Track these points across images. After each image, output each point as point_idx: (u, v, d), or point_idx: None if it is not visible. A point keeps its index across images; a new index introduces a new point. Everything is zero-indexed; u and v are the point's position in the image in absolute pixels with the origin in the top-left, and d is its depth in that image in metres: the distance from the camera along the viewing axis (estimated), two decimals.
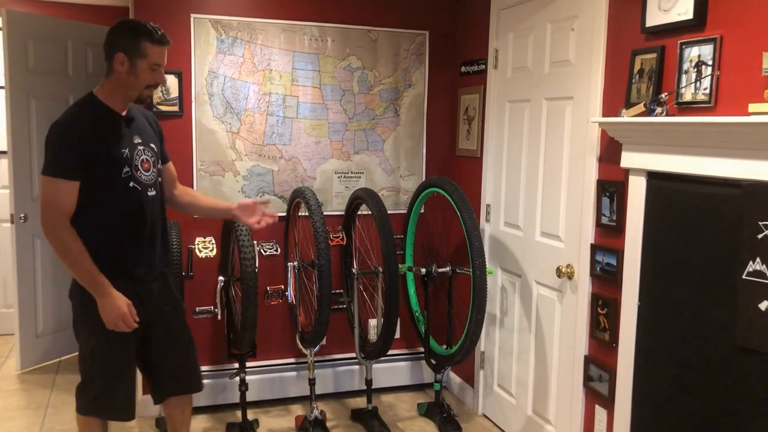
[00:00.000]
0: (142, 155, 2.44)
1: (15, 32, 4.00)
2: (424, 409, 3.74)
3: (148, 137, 2.51)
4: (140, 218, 2.43)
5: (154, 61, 2.38)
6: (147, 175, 2.45)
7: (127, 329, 2.36)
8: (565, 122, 2.96)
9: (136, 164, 2.41)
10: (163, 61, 2.41)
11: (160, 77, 2.44)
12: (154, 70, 2.40)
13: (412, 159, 3.98)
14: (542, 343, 3.18)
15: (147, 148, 2.48)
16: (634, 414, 2.53)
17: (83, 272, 2.30)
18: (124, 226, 2.40)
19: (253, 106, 3.63)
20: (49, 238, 2.29)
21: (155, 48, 2.37)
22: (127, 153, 2.39)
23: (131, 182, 2.39)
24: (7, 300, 4.87)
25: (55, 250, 2.30)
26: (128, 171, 2.39)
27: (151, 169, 2.47)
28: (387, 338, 3.30)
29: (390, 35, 3.85)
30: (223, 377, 3.68)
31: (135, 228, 2.42)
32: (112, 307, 2.31)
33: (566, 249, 2.97)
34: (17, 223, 4.09)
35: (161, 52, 2.40)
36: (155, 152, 2.52)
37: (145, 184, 2.44)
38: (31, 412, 3.68)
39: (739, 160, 2.00)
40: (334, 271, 3.68)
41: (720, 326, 2.11)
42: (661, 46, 2.37)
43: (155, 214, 2.49)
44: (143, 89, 2.42)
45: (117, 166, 2.35)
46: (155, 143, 2.55)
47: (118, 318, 2.32)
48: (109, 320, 2.32)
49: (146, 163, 2.45)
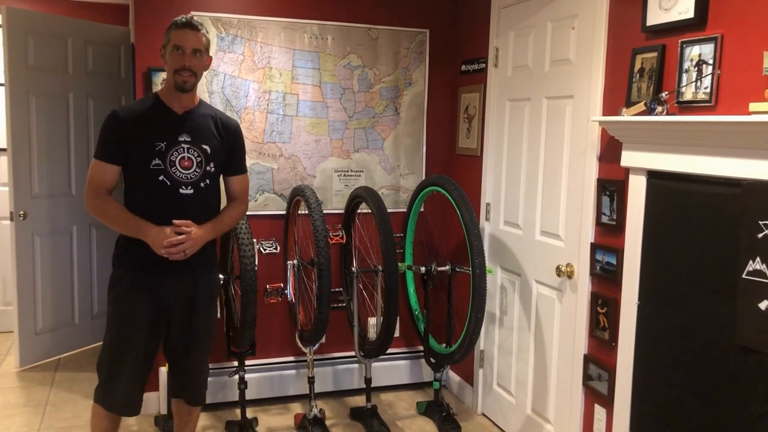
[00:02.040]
0: (184, 153, 2.49)
1: (15, 29, 4.00)
2: (423, 408, 3.74)
3: (202, 139, 2.54)
4: (166, 213, 2.45)
5: (175, 43, 2.45)
6: (185, 173, 2.49)
7: (180, 256, 2.43)
8: (565, 121, 2.96)
9: (173, 160, 2.47)
10: (183, 43, 2.44)
11: (182, 59, 2.45)
12: (176, 52, 2.45)
13: (412, 157, 3.98)
14: (542, 342, 3.17)
15: (194, 148, 2.51)
16: (634, 413, 2.53)
17: (121, 228, 2.50)
18: (150, 218, 2.46)
19: (253, 104, 3.63)
20: (86, 207, 2.52)
21: (177, 31, 2.46)
22: (162, 147, 2.46)
23: (161, 176, 2.46)
24: (7, 297, 4.87)
25: (95, 216, 2.55)
26: (159, 164, 2.45)
27: (192, 168, 2.50)
28: (386, 337, 3.30)
29: (390, 33, 3.84)
30: (222, 375, 3.67)
31: (159, 221, 2.44)
32: (153, 243, 2.42)
33: (566, 248, 2.96)
34: (17, 221, 4.09)
35: (181, 34, 2.44)
36: (207, 154, 2.53)
37: (178, 181, 2.47)
38: (30, 410, 3.67)
39: (739, 160, 2.00)
40: (334, 270, 3.68)
41: (720, 325, 2.11)
42: (662, 45, 2.36)
43: (190, 213, 2.50)
44: (174, 76, 2.47)
45: (147, 158, 2.45)
46: (212, 147, 2.55)
47: (162, 247, 2.41)
48: (159, 252, 2.43)
49: (187, 161, 2.49)
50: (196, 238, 2.47)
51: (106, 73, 4.47)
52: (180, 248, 2.43)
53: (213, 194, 2.61)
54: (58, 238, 4.35)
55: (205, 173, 2.53)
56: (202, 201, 2.54)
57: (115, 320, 2.53)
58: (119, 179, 2.52)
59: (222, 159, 2.60)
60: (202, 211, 2.55)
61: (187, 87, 2.48)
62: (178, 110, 2.53)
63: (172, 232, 2.42)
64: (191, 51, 2.45)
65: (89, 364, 2.74)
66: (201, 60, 2.50)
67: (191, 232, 2.45)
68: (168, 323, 2.58)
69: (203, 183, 2.53)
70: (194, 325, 2.62)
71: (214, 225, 2.58)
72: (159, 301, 2.53)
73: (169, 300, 2.55)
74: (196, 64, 2.48)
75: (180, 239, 2.42)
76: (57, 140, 4.29)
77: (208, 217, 2.57)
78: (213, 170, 2.56)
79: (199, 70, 2.50)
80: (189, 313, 2.60)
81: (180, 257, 2.44)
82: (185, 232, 2.44)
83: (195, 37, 2.46)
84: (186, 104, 2.54)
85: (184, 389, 2.75)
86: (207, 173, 2.54)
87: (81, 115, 4.40)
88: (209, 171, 2.55)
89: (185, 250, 2.44)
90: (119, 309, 2.53)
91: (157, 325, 2.55)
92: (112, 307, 2.55)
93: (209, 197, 2.58)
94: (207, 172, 2.54)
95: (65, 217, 4.36)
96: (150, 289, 2.51)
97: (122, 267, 2.55)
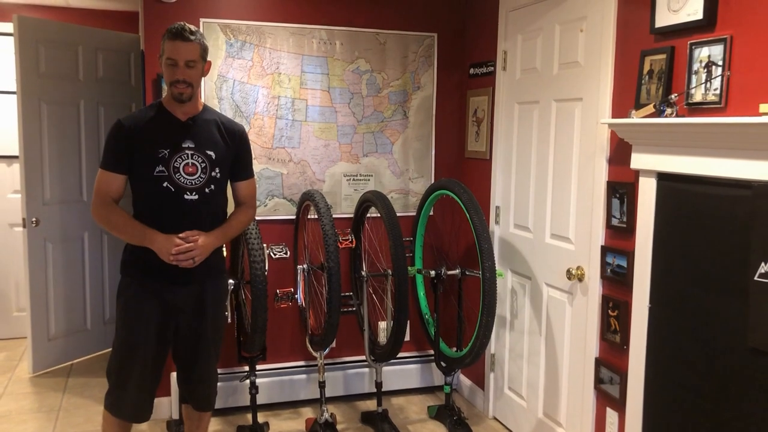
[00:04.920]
0: (188, 159, 2.49)
1: (26, 38, 4.04)
2: (434, 412, 3.73)
3: (207, 145, 2.53)
4: (171, 219, 2.47)
5: (167, 56, 2.43)
6: (189, 179, 2.49)
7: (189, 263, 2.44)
8: (574, 123, 2.95)
9: (176, 166, 2.47)
10: (176, 56, 2.41)
11: (175, 73, 2.42)
12: (170, 65, 2.43)
13: (420, 161, 3.98)
14: (553, 345, 3.16)
15: (198, 154, 2.51)
16: (646, 416, 2.52)
17: (128, 237, 2.50)
18: (155, 223, 2.47)
19: (262, 110, 3.64)
20: (93, 217, 2.53)
21: (169, 43, 2.43)
22: (165, 154, 2.46)
23: (165, 182, 2.46)
24: (20, 304, 4.90)
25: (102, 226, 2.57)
26: (162, 170, 2.46)
27: (197, 174, 2.50)
28: (397, 341, 3.29)
29: (398, 38, 3.85)
30: (233, 380, 3.69)
31: (164, 228, 2.45)
32: (160, 251, 2.43)
33: (576, 251, 2.95)
34: (29, 228, 4.12)
35: (173, 46, 2.41)
36: (212, 160, 2.53)
37: (182, 187, 2.48)
38: (43, 415, 3.70)
39: (749, 161, 1.99)
40: (344, 274, 3.68)
41: (732, 328, 2.09)
42: (671, 46, 2.36)
43: (195, 219, 2.51)
44: (170, 88, 2.46)
45: (150, 165, 2.46)
46: (217, 152, 2.55)
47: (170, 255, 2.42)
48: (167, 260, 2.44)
49: (191, 167, 2.49)
50: (204, 245, 2.47)
51: (117, 80, 4.51)
52: (188, 255, 2.44)
53: (219, 200, 2.61)
54: (70, 244, 4.39)
55: (210, 179, 2.53)
56: (207, 206, 2.54)
57: (123, 327, 2.54)
58: (126, 188, 2.53)
59: (228, 164, 2.60)
60: (207, 216, 2.55)
61: (184, 98, 2.46)
62: (182, 117, 2.53)
63: (180, 240, 2.43)
64: (184, 63, 2.42)
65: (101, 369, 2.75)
66: (196, 70, 2.46)
67: (198, 240, 2.46)
68: (176, 329, 2.59)
69: (208, 189, 2.53)
70: (202, 331, 2.62)
71: (222, 231, 2.59)
72: (167, 307, 2.54)
73: (176, 306, 2.55)
74: (191, 75, 2.44)
75: (188, 246, 2.43)
76: (68, 147, 4.32)
77: (214, 222, 2.57)
78: (218, 176, 2.56)
79: (194, 80, 2.47)
80: (197, 319, 2.60)
81: (189, 264, 2.45)
82: (192, 240, 2.45)
83: (187, 48, 2.41)
84: (189, 111, 2.54)
85: (192, 395, 2.75)
86: (212, 179, 2.54)
87: (92, 121, 4.44)
88: (214, 177, 2.55)
89: (194, 257, 2.45)
90: (127, 316, 2.54)
91: (166, 331, 2.56)
92: (121, 313, 2.56)
93: (215, 203, 2.58)
94: (212, 177, 2.54)
95: (77, 223, 4.39)
96: (157, 296, 2.52)
97: (130, 274, 2.56)
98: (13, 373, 4.32)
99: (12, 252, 4.86)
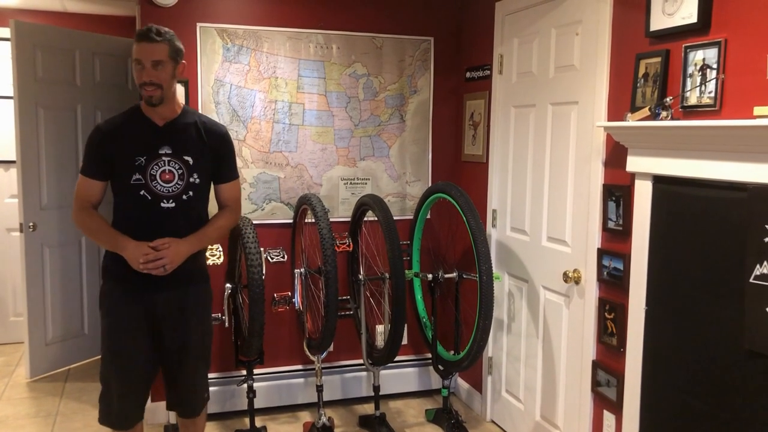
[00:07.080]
0: (165, 166, 2.44)
1: (23, 43, 4.04)
2: (432, 416, 3.73)
3: (184, 150, 2.48)
4: (147, 227, 2.44)
5: (135, 57, 2.39)
6: (166, 186, 2.45)
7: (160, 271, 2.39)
8: (570, 127, 2.96)
9: (153, 174, 2.43)
10: (142, 56, 2.36)
11: (141, 74, 2.38)
12: (138, 67, 2.39)
13: (417, 165, 3.99)
14: (550, 348, 3.17)
15: (175, 161, 2.46)
16: (643, 419, 2.52)
17: (102, 243, 2.51)
18: (132, 232, 2.43)
19: (259, 114, 3.65)
20: (73, 221, 2.54)
21: (136, 45, 2.39)
22: (142, 161, 2.42)
23: (141, 190, 2.43)
24: (17, 308, 4.90)
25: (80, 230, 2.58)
26: (139, 179, 2.42)
27: (174, 182, 2.46)
28: (394, 344, 3.30)
29: (395, 42, 3.86)
30: (230, 384, 3.68)
31: (141, 236, 2.42)
32: (130, 259, 2.40)
33: (573, 254, 2.96)
34: (26, 232, 4.12)
35: (139, 47, 2.37)
36: (189, 166, 2.48)
37: (159, 194, 2.44)
38: (40, 420, 3.69)
39: (744, 164, 2.00)
40: (341, 278, 3.68)
41: (728, 330, 2.10)
42: (666, 50, 2.37)
43: (172, 226, 2.47)
44: (140, 90, 2.42)
45: (127, 173, 2.43)
46: (195, 157, 2.50)
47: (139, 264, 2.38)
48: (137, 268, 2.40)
49: (168, 174, 2.45)
50: (175, 253, 2.41)
51: (114, 84, 4.51)
52: (157, 264, 2.38)
53: (198, 206, 2.55)
54: (67, 249, 4.38)
55: (188, 185, 2.48)
56: (185, 214, 2.49)
57: (107, 334, 2.51)
58: (105, 193, 2.51)
59: (208, 168, 2.55)
60: (185, 223, 2.50)
61: (153, 101, 2.40)
62: (159, 122, 2.48)
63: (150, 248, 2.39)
64: (150, 64, 2.36)
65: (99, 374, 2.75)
66: (165, 71, 2.39)
67: (169, 247, 2.40)
68: (160, 335, 2.54)
69: (186, 195, 2.48)
70: (186, 337, 2.57)
71: (197, 237, 2.51)
72: (149, 313, 2.50)
73: (159, 312, 2.51)
74: (158, 77, 2.37)
75: (156, 255, 2.38)
76: (65, 152, 4.33)
77: (193, 229, 2.51)
78: (197, 181, 2.50)
79: (163, 81, 2.39)
80: (180, 325, 2.55)
81: (160, 272, 2.40)
82: (163, 248, 2.39)
83: (153, 48, 2.35)
84: (166, 115, 2.49)
85: (176, 402, 2.70)
86: (190, 185, 2.49)
87: (89, 126, 4.41)
88: (192, 182, 2.49)
89: (164, 265, 2.39)
90: (110, 322, 2.51)
91: (149, 336, 2.52)
92: (104, 320, 2.53)
93: (193, 209, 2.53)
94: (190, 183, 2.49)
95: (74, 228, 4.34)
96: (139, 301, 2.49)
97: (111, 279, 2.53)
98: (11, 378, 4.31)
99: (9, 257, 4.85)
